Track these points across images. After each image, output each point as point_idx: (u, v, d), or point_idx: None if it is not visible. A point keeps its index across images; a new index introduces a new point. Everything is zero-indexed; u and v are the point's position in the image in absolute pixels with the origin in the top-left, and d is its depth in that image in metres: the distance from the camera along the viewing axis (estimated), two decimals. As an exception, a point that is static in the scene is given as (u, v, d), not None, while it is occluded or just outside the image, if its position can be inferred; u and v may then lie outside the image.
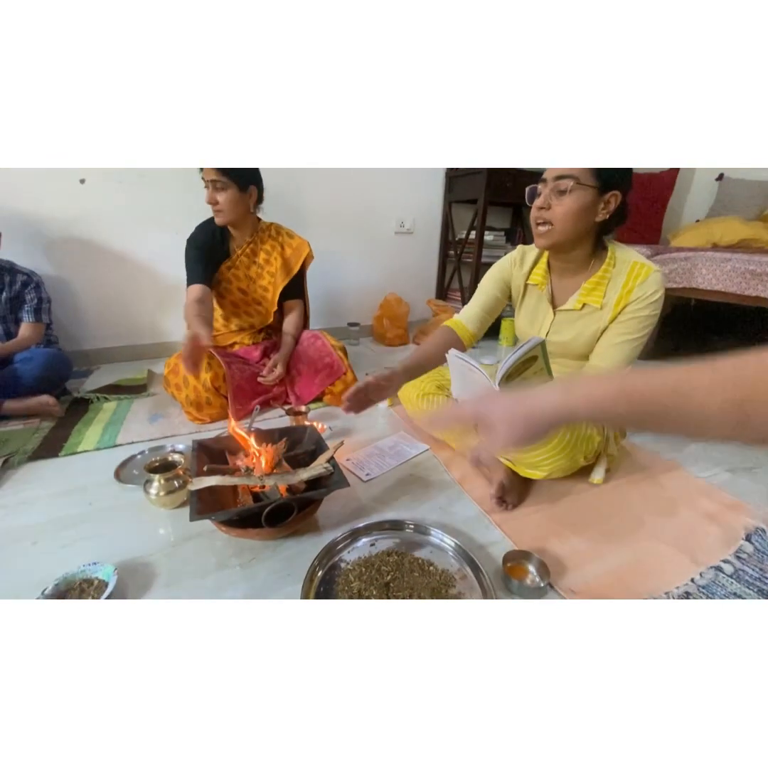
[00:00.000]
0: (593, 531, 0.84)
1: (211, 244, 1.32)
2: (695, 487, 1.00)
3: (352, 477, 0.99)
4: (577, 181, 0.77)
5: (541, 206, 0.81)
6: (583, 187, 0.77)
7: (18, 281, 1.35)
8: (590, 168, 0.76)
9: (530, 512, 0.88)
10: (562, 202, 0.79)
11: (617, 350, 0.88)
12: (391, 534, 0.79)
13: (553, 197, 0.80)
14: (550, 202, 0.80)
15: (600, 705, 0.26)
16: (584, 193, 0.78)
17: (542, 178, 0.82)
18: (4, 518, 0.85)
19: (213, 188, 1.20)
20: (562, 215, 0.79)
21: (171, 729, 0.25)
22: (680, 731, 0.25)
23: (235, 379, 1.26)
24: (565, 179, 0.77)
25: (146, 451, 1.08)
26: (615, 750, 0.24)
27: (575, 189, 0.77)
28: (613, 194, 0.79)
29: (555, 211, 0.80)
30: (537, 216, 0.83)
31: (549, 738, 0.25)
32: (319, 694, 0.27)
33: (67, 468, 1.02)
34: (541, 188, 0.82)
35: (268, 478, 0.73)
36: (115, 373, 1.64)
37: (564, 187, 0.78)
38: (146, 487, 0.85)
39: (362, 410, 0.87)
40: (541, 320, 0.98)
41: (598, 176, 0.77)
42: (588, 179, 0.77)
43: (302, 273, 1.46)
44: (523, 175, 2.05)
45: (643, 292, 0.83)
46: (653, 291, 0.83)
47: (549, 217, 0.81)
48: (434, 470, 1.04)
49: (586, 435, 0.86)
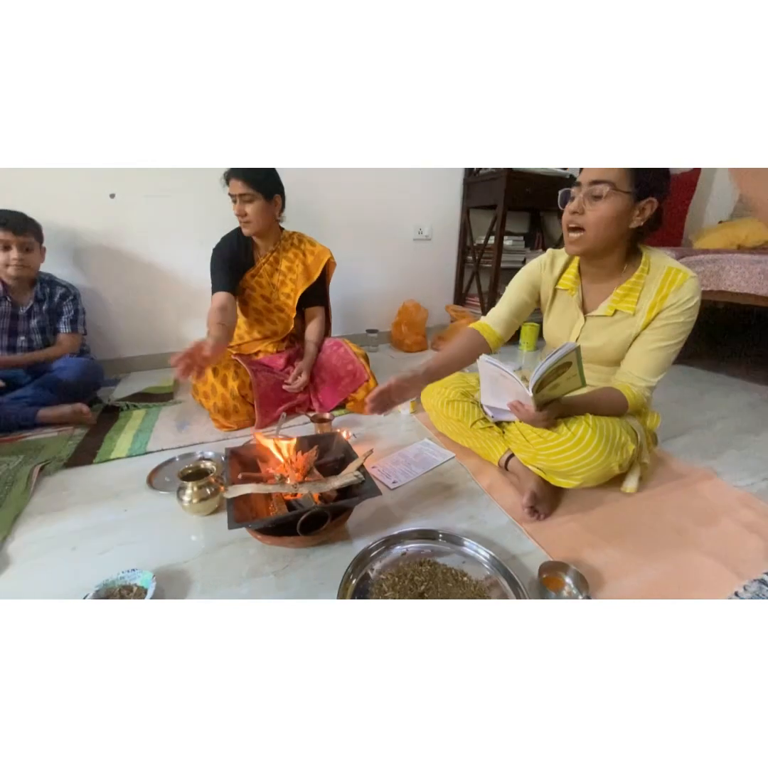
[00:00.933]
0: (629, 542, 0.82)
1: (236, 253, 1.36)
2: (733, 496, 0.96)
3: (379, 485, 0.99)
4: (614, 186, 0.75)
5: (575, 210, 0.80)
6: (618, 193, 0.76)
7: (57, 293, 1.40)
8: (627, 172, 0.75)
9: (563, 522, 0.87)
10: (596, 207, 0.77)
11: (651, 357, 0.86)
12: (423, 543, 0.79)
13: (587, 202, 0.78)
14: (584, 206, 0.79)
15: (627, 706, 0.26)
16: (620, 199, 0.76)
17: (577, 181, 0.81)
18: (42, 524, 0.87)
19: (241, 201, 1.24)
20: (595, 221, 0.78)
21: (211, 726, 0.26)
22: (696, 734, 0.24)
23: (261, 386, 1.28)
24: (600, 184, 0.76)
25: (177, 458, 1.10)
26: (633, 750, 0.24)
27: (611, 195, 0.76)
28: (649, 201, 0.77)
29: (588, 216, 0.78)
30: (569, 220, 0.82)
31: (564, 735, 0.25)
32: (346, 691, 0.28)
33: (101, 475, 1.05)
34: (575, 192, 0.81)
35: (302, 486, 0.73)
36: (143, 381, 1.68)
37: (599, 193, 0.76)
38: (179, 494, 0.86)
39: (385, 411, 0.88)
40: (571, 325, 0.97)
41: (635, 182, 0.75)
42: (624, 185, 0.75)
43: (324, 280, 1.48)
44: (542, 180, 2.03)
45: (678, 298, 0.82)
46: (689, 297, 0.81)
47: (582, 222, 0.80)
48: (461, 478, 1.03)
49: (621, 443, 0.85)
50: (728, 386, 1.73)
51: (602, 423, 0.84)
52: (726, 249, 2.36)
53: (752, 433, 1.30)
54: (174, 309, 1.85)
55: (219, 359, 1.24)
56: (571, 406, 0.85)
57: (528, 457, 0.91)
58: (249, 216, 1.26)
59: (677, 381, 1.75)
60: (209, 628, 0.32)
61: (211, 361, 1.00)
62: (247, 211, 1.25)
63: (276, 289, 1.44)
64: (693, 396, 1.61)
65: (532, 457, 0.90)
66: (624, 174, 0.75)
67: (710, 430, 1.31)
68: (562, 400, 0.83)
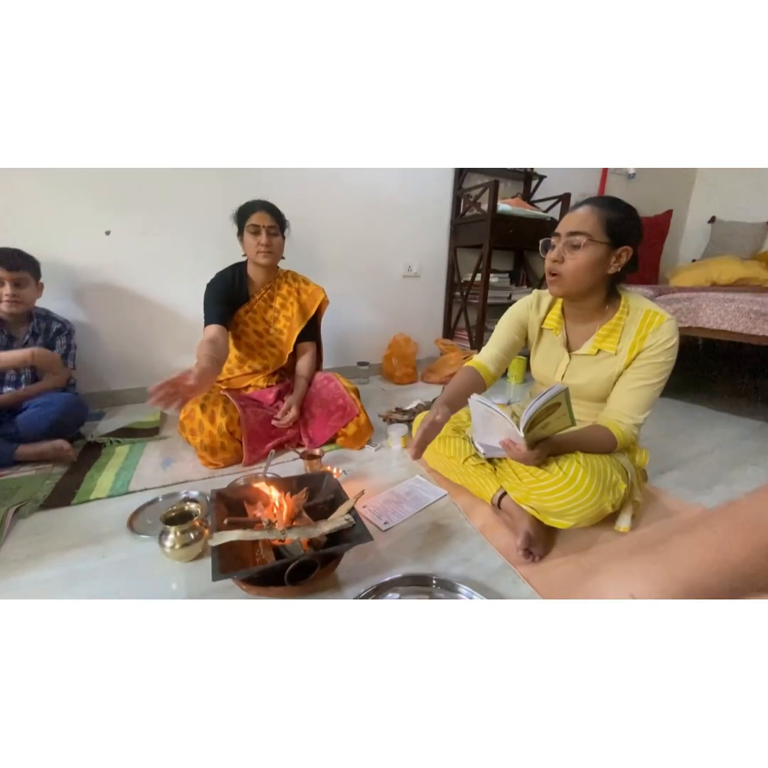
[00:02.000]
0: (626, 585, 0.80)
1: (231, 288, 1.39)
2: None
3: (370, 526, 0.96)
4: (590, 238, 0.80)
5: (555, 259, 0.85)
6: (595, 243, 0.80)
7: (53, 328, 1.40)
8: (603, 224, 0.80)
9: (558, 564, 0.85)
10: (575, 256, 0.82)
11: (635, 395, 0.89)
12: (416, 590, 0.76)
13: (567, 251, 0.83)
14: (563, 255, 0.83)
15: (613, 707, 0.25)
16: (597, 249, 0.81)
17: (555, 232, 0.86)
18: (14, 572, 0.82)
19: (267, 233, 1.31)
20: (574, 269, 0.83)
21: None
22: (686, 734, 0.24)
23: (250, 422, 1.26)
24: (578, 236, 0.81)
25: (160, 499, 1.06)
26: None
27: (588, 245, 0.80)
28: (625, 249, 0.82)
29: (568, 264, 0.83)
30: (551, 268, 0.86)
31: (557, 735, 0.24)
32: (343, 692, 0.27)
33: (79, 517, 1.00)
34: (554, 241, 0.86)
35: (290, 531, 0.71)
36: (128, 415, 1.65)
37: (577, 243, 0.81)
38: (161, 539, 0.83)
39: None
40: (557, 363, 1.00)
41: (610, 233, 0.80)
42: (600, 236, 0.80)
43: (317, 317, 1.51)
44: (525, 222, 2.14)
45: (656, 339, 0.85)
46: (667, 338, 0.85)
47: (562, 270, 0.84)
48: (454, 518, 1.01)
49: (612, 482, 0.85)
50: (713, 420, 1.76)
51: (593, 462, 0.85)
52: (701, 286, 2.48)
53: (737, 467, 1.32)
54: (165, 342, 1.84)
55: (204, 390, 1.21)
56: (562, 444, 0.86)
57: (521, 496, 0.91)
58: (273, 247, 1.33)
59: (665, 415, 1.78)
60: (209, 629, 0.32)
61: (196, 391, 0.96)
62: (273, 242, 1.32)
63: (269, 325, 1.45)
64: (680, 429, 1.64)
65: (525, 496, 0.89)
66: (600, 225, 0.80)
67: (698, 465, 1.33)
68: (552, 438, 0.85)
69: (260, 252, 1.32)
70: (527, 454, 0.80)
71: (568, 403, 0.78)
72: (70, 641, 0.30)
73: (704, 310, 1.74)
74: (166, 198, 1.68)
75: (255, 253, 1.33)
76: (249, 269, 1.42)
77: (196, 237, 1.75)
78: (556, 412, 0.78)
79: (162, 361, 1.85)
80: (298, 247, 1.89)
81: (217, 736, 0.26)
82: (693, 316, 1.78)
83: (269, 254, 1.34)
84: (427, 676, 0.28)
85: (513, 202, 2.16)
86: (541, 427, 0.79)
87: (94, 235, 1.60)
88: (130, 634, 0.31)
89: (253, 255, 1.34)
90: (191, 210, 1.71)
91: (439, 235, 2.37)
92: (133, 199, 1.62)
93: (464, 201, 2.26)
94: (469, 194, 2.22)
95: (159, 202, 1.67)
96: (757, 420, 1.75)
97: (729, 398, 2.03)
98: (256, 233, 1.31)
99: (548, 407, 0.76)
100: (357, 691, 0.28)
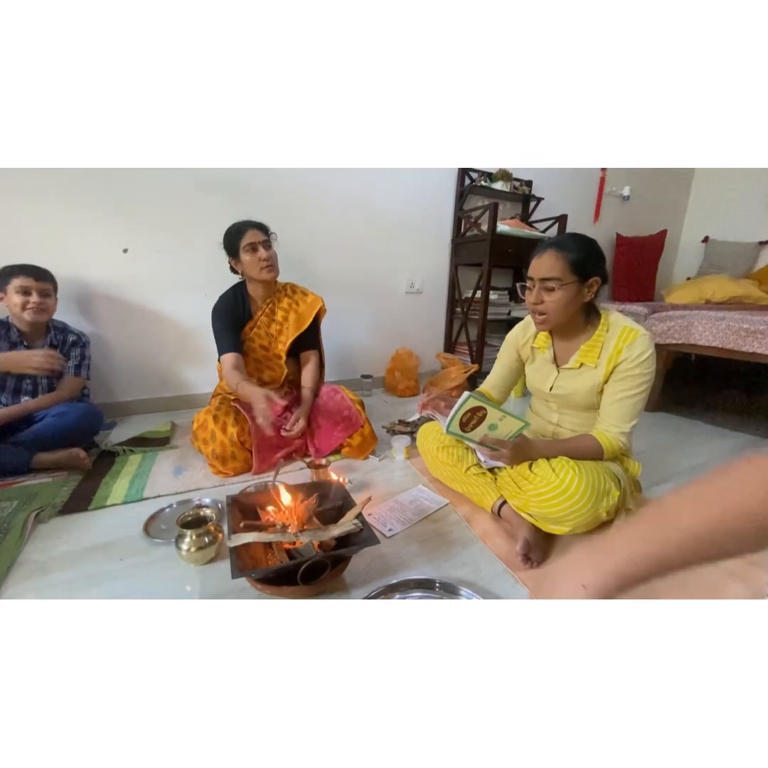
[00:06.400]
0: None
1: (235, 310, 1.43)
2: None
3: (375, 532, 1.00)
4: (561, 281, 0.90)
5: (535, 302, 0.94)
6: (567, 284, 0.90)
7: (69, 340, 1.46)
8: (569, 266, 0.89)
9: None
10: (552, 297, 0.92)
11: (618, 406, 0.97)
12: (420, 593, 0.80)
13: (544, 293, 0.93)
14: (542, 297, 0.93)
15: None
16: (569, 287, 0.91)
17: (529, 276, 0.95)
18: (34, 573, 0.86)
19: (263, 246, 1.35)
20: (555, 308, 0.93)
21: None
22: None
23: (260, 432, 1.31)
24: (550, 281, 0.91)
25: (174, 505, 1.10)
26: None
27: (561, 287, 0.90)
28: (594, 280, 0.92)
29: (548, 304, 0.93)
30: (534, 309, 0.97)
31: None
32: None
33: (96, 522, 1.04)
34: (530, 285, 0.96)
35: (303, 534, 0.75)
36: (139, 425, 1.70)
37: (551, 287, 0.91)
38: (178, 542, 0.87)
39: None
40: (547, 376, 1.09)
41: (577, 272, 0.90)
42: (569, 277, 0.90)
43: (316, 324, 1.56)
44: (523, 242, 2.22)
45: (631, 353, 0.93)
46: (640, 352, 0.93)
47: (543, 309, 0.94)
48: (456, 525, 1.05)
49: (605, 489, 0.90)
50: (708, 434, 1.81)
51: (587, 469, 0.90)
52: (695, 304, 2.56)
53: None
54: (175, 355, 1.90)
55: None
56: (544, 448, 0.97)
57: (520, 503, 0.95)
58: (273, 260, 1.37)
59: (660, 428, 1.83)
60: (224, 628, 0.33)
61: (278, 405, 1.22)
62: (272, 255, 1.37)
63: (274, 339, 1.50)
64: (675, 443, 1.68)
65: (524, 504, 0.94)
66: (566, 268, 0.89)
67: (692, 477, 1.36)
68: (535, 442, 0.96)
69: (264, 267, 1.36)
70: (493, 454, 0.93)
71: (493, 406, 0.86)
72: (91, 639, 0.32)
73: (696, 328, 1.81)
74: (180, 217, 1.76)
75: (258, 270, 1.36)
76: (249, 288, 1.46)
77: (208, 254, 1.83)
78: (489, 415, 0.87)
79: (172, 373, 1.91)
80: (303, 265, 1.99)
81: (225, 730, 0.27)
82: (686, 333, 1.84)
83: (272, 267, 1.38)
84: (431, 670, 0.30)
85: (512, 223, 2.25)
86: (490, 428, 0.89)
87: (112, 252, 1.69)
88: (149, 632, 0.33)
89: (257, 272, 1.36)
90: (203, 229, 1.79)
91: (440, 254, 2.46)
92: (150, 218, 1.71)
93: (465, 221, 2.35)
94: (470, 215, 2.32)
95: (174, 221, 1.76)
96: (751, 435, 1.80)
97: (723, 413, 2.08)
98: (254, 250, 1.34)
99: (472, 410, 0.85)
100: (367, 685, 0.30)
